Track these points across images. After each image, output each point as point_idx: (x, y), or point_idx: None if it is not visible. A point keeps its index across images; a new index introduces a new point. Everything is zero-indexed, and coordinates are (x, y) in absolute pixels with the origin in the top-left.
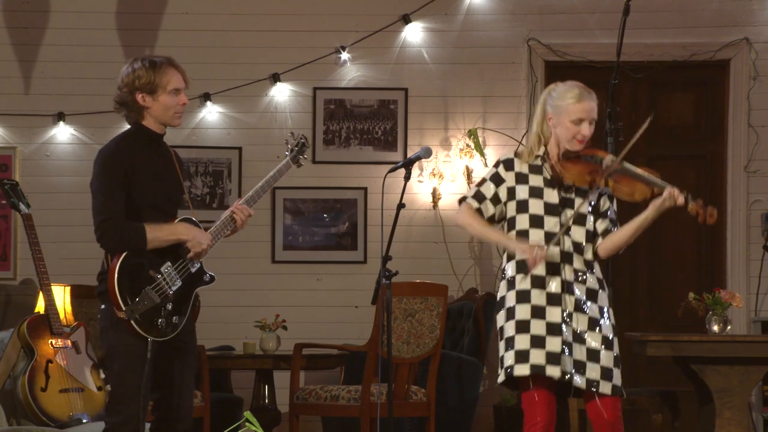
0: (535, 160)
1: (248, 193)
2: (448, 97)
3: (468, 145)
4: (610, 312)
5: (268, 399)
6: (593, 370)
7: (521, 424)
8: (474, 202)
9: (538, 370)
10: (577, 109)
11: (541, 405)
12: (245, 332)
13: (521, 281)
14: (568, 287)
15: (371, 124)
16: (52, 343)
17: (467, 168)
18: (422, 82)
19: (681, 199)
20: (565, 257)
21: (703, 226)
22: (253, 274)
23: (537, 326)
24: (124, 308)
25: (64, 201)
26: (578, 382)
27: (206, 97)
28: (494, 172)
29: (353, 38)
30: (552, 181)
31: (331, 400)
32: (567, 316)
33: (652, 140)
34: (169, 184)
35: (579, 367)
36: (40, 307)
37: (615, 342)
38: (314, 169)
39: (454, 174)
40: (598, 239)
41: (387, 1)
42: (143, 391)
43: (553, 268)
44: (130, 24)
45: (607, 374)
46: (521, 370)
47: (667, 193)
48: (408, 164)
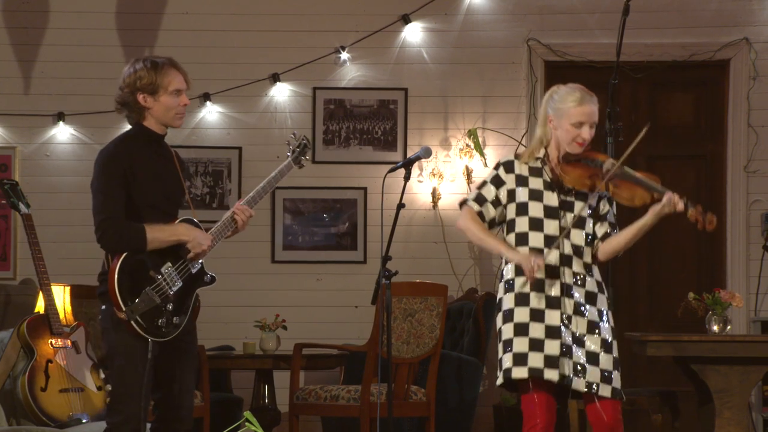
0: (535, 162)
1: (249, 194)
2: (448, 97)
3: (468, 145)
4: (609, 315)
5: (268, 399)
6: (593, 373)
7: (521, 425)
8: (475, 205)
9: (537, 374)
10: (578, 112)
11: (541, 406)
12: (245, 332)
13: (520, 284)
14: (567, 290)
15: (371, 124)
16: (51, 343)
17: (467, 168)
18: (422, 82)
19: (681, 205)
20: (565, 260)
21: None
22: (253, 274)
23: (536, 329)
24: (125, 309)
25: (64, 201)
26: (577, 385)
27: (206, 97)
28: (494, 175)
29: (353, 38)
30: (552, 184)
31: (331, 400)
32: (566, 319)
33: (652, 140)
34: (170, 185)
35: (578, 370)
36: (40, 307)
37: (614, 345)
38: (314, 169)
39: (454, 174)
40: (597, 242)
41: (387, 1)
42: (144, 392)
43: (552, 272)
44: (130, 24)
45: (606, 377)
46: (519, 373)
47: (667, 198)
48: (408, 164)
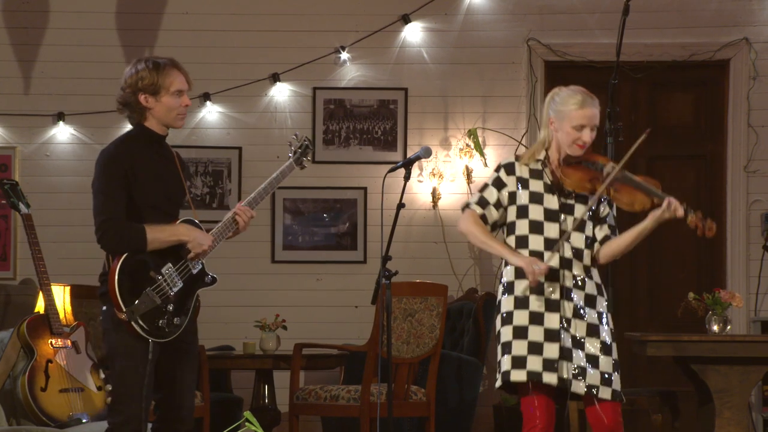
0: (535, 164)
1: (251, 195)
2: (448, 97)
3: (468, 145)
4: (609, 317)
5: (268, 399)
6: (593, 376)
7: (521, 425)
8: (478, 208)
9: (535, 377)
10: (579, 115)
11: (540, 408)
12: (245, 332)
13: (519, 287)
14: (566, 293)
15: (371, 124)
16: (51, 343)
17: (467, 168)
18: (422, 82)
19: (680, 211)
20: (565, 263)
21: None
22: (253, 274)
23: (535, 332)
24: (125, 309)
25: (63, 201)
26: (577, 388)
27: (206, 97)
28: (496, 177)
29: (353, 38)
30: (552, 187)
31: (331, 400)
32: (565, 323)
33: (652, 140)
34: (171, 185)
35: (578, 373)
36: (40, 307)
37: (614, 347)
38: (314, 169)
39: (454, 174)
40: (597, 245)
41: (387, 1)
42: (145, 392)
43: (552, 275)
44: (130, 24)
45: (606, 379)
46: (518, 376)
47: (667, 204)
48: (408, 164)
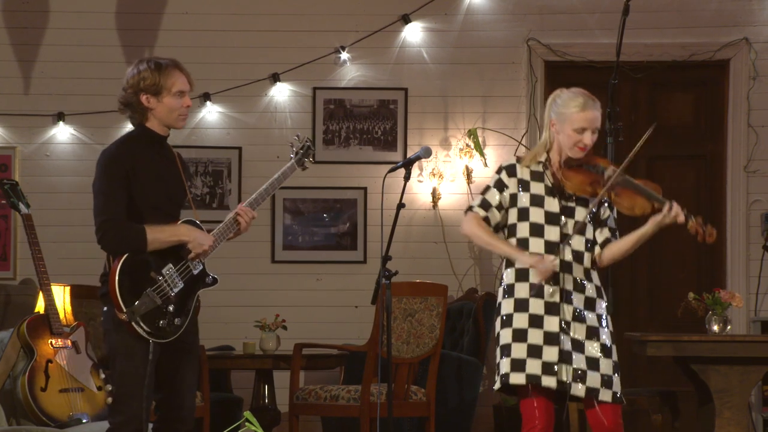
0: (537, 167)
1: (252, 196)
2: (448, 97)
3: (468, 145)
4: (609, 319)
5: (268, 399)
6: (593, 379)
7: (521, 425)
8: (481, 211)
9: (534, 380)
10: (581, 118)
11: (540, 409)
12: (245, 332)
13: (519, 289)
14: (566, 296)
15: (371, 124)
16: (51, 343)
17: (467, 168)
18: (422, 82)
19: (681, 217)
20: (565, 266)
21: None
22: (253, 274)
23: (534, 335)
24: (125, 310)
25: (64, 201)
26: (576, 390)
27: (206, 97)
28: (497, 179)
29: (353, 38)
30: (553, 190)
31: (331, 400)
32: (565, 326)
33: (652, 141)
34: (172, 186)
35: (578, 376)
36: (40, 307)
37: (613, 349)
38: (314, 169)
39: (454, 174)
40: (598, 248)
41: (387, 1)
42: (146, 392)
43: (552, 277)
44: (130, 24)
45: (606, 382)
46: (517, 379)
47: (667, 209)
48: (408, 164)
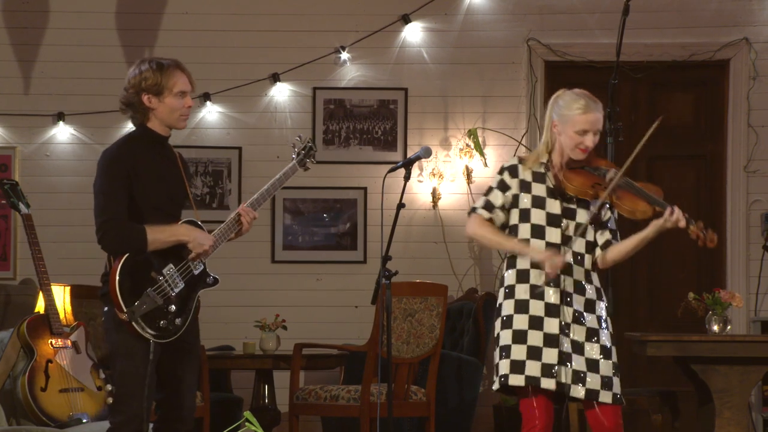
0: (538, 168)
1: (253, 196)
2: (448, 97)
3: (468, 145)
4: (609, 321)
5: (268, 399)
6: (593, 380)
7: (521, 425)
8: (485, 213)
9: (533, 382)
10: (583, 120)
11: (540, 409)
12: (245, 332)
13: (520, 290)
14: (566, 298)
15: (371, 124)
16: (51, 343)
17: (467, 168)
18: (422, 82)
19: (683, 221)
20: (565, 268)
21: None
22: (253, 274)
23: (534, 337)
24: (125, 310)
25: (64, 201)
26: (576, 392)
27: (206, 97)
28: (500, 180)
29: (353, 38)
30: (554, 191)
31: (331, 400)
32: (565, 327)
33: (652, 140)
34: (173, 186)
35: (578, 378)
36: (40, 307)
37: (613, 350)
38: (314, 169)
39: (454, 174)
40: (598, 250)
41: (387, 1)
42: (147, 392)
43: (552, 279)
44: (130, 24)
45: (607, 383)
46: (516, 381)
47: (668, 213)
48: (408, 164)
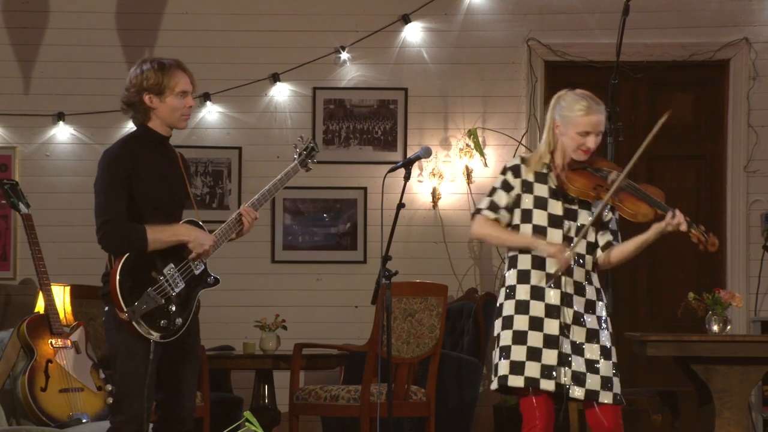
0: (541, 168)
1: (255, 196)
2: (448, 97)
3: (468, 145)
4: (609, 321)
5: (268, 399)
6: (593, 381)
7: (521, 425)
8: (490, 214)
9: (533, 383)
10: (585, 122)
11: (540, 408)
12: (245, 332)
13: (521, 291)
14: (567, 299)
15: (371, 124)
16: (51, 343)
17: (467, 168)
18: (422, 82)
19: (684, 225)
20: (566, 269)
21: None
22: (253, 274)
23: (534, 338)
24: (126, 309)
25: (64, 201)
26: (576, 394)
27: (206, 97)
28: (503, 180)
29: (353, 38)
30: (557, 192)
31: (331, 400)
32: (565, 329)
33: (652, 140)
34: (174, 186)
35: (578, 379)
36: (40, 307)
37: (613, 351)
38: (314, 169)
39: (454, 174)
40: (599, 251)
41: (387, 1)
42: (147, 392)
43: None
44: (130, 24)
45: (607, 384)
46: (515, 381)
47: (670, 217)
48: (408, 164)
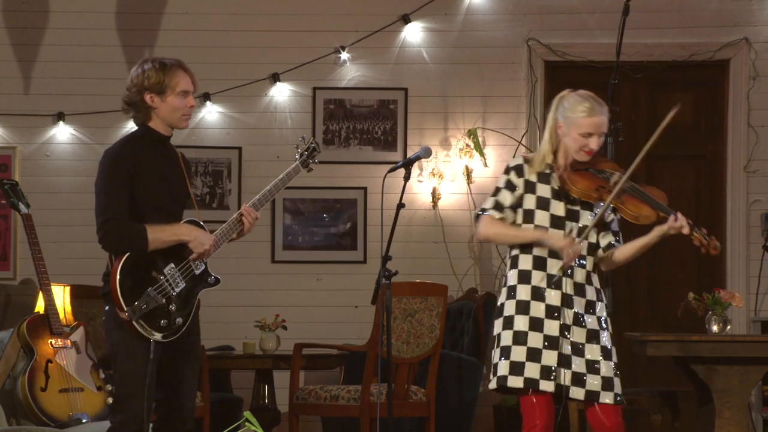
0: (545, 169)
1: (256, 197)
2: (448, 97)
3: (468, 145)
4: (609, 321)
5: (268, 399)
6: (593, 382)
7: (521, 425)
8: (496, 213)
9: (532, 384)
10: (587, 123)
11: (540, 408)
12: (245, 332)
13: (521, 291)
14: (567, 300)
15: (371, 124)
16: (51, 343)
17: (467, 168)
18: (422, 82)
19: (686, 228)
20: (567, 270)
21: (703, 225)
22: (253, 274)
23: (534, 339)
24: (126, 309)
25: (63, 201)
26: (576, 394)
27: (206, 97)
28: (507, 179)
29: (353, 38)
30: (559, 193)
31: (331, 400)
32: (565, 330)
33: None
34: (175, 186)
35: (578, 380)
36: (40, 307)
37: (614, 351)
38: (314, 169)
39: (454, 174)
40: (600, 252)
41: (387, 1)
42: (147, 392)
43: (555, 281)
44: (130, 24)
45: (608, 384)
46: (515, 382)
47: (672, 220)
48: (408, 164)
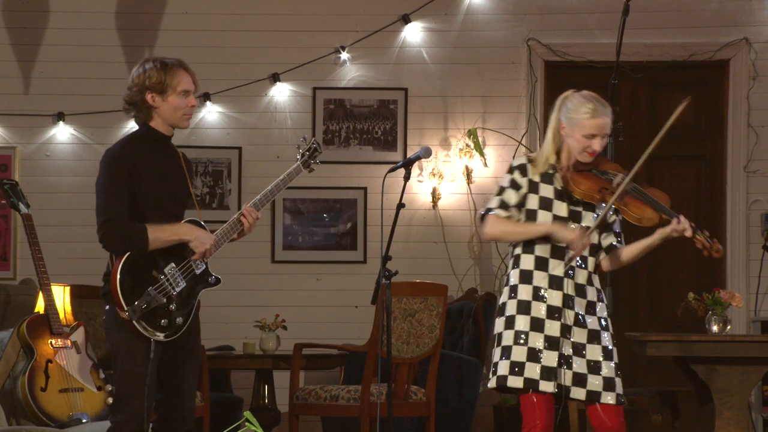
0: (548, 169)
1: (257, 197)
2: (448, 97)
3: (468, 145)
4: (609, 322)
5: (268, 399)
6: (594, 382)
7: (521, 425)
8: (502, 212)
9: (532, 384)
10: (591, 124)
11: (540, 408)
12: (245, 332)
13: (522, 291)
14: (568, 301)
15: (371, 124)
16: (51, 343)
17: (467, 168)
18: (422, 82)
19: (689, 231)
20: (568, 271)
21: (703, 225)
22: (253, 274)
23: (535, 339)
24: (126, 308)
25: (63, 201)
26: (576, 394)
27: (206, 97)
28: (511, 179)
29: (353, 38)
30: (562, 193)
31: (331, 400)
32: (565, 330)
33: (652, 141)
34: (176, 186)
35: (578, 380)
36: (40, 307)
37: (614, 351)
38: (314, 169)
39: (454, 174)
40: (602, 253)
41: (387, 1)
42: (147, 391)
43: (555, 281)
44: (130, 24)
45: (609, 384)
46: (515, 382)
47: (675, 222)
48: (408, 164)
